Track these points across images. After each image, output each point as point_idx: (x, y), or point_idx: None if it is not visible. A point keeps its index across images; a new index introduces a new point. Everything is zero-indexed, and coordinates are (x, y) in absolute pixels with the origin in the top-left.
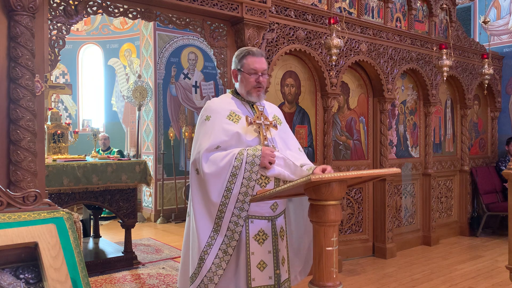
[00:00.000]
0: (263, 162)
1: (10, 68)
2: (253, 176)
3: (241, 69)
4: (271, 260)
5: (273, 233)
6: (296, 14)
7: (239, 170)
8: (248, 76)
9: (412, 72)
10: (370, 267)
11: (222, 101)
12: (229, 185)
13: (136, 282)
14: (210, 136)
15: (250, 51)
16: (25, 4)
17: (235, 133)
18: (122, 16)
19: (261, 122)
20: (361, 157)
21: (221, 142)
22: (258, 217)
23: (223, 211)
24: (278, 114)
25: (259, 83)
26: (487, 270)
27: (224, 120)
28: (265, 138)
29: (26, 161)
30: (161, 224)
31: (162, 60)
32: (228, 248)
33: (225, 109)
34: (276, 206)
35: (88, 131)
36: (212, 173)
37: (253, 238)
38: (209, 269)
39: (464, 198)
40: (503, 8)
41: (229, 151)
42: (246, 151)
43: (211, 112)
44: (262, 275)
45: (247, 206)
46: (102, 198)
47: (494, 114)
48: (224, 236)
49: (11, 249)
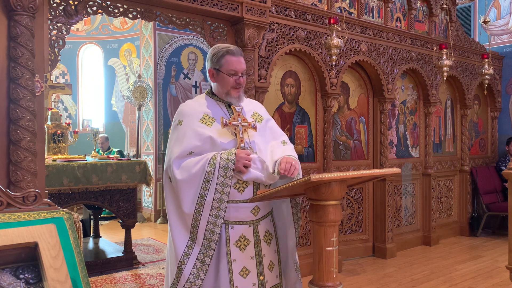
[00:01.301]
0: (237, 166)
1: (10, 68)
2: (227, 182)
3: (219, 69)
4: (254, 266)
5: (255, 238)
6: (296, 14)
7: (212, 175)
8: (228, 77)
9: (412, 72)
10: (370, 267)
11: (195, 103)
12: (203, 191)
13: (136, 282)
14: (182, 141)
15: (229, 50)
16: (25, 4)
17: (208, 137)
18: (122, 16)
19: (238, 124)
20: (361, 157)
21: (194, 148)
22: (238, 223)
23: (198, 219)
24: (259, 110)
25: (239, 83)
26: (487, 270)
27: (197, 123)
28: (242, 141)
29: (26, 161)
30: (161, 224)
31: (162, 60)
32: (205, 257)
33: (198, 111)
34: (257, 210)
35: (88, 131)
36: (184, 180)
37: (234, 245)
38: (187, 280)
39: (464, 198)
40: (503, 8)
41: (202, 157)
42: (220, 156)
43: (183, 116)
44: (245, 282)
45: (223, 213)
46: (102, 198)
47: (494, 114)
48: (201, 245)
49: (11, 249)
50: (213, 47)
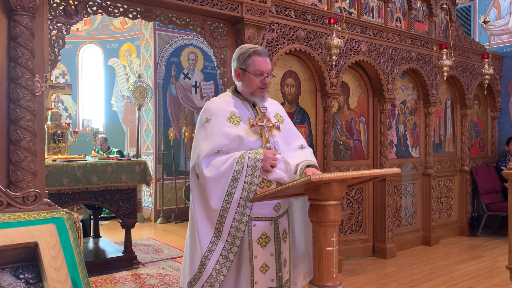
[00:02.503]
0: (264, 165)
1: (10, 68)
2: (254, 180)
3: (246, 69)
4: (273, 263)
5: (275, 236)
6: (296, 14)
7: (240, 174)
8: (254, 77)
9: (412, 72)
10: (370, 267)
11: (222, 101)
12: (230, 189)
13: (136, 282)
14: (211, 140)
15: (256, 51)
16: (25, 4)
17: (236, 137)
18: (122, 16)
19: (264, 124)
20: (361, 157)
21: (222, 146)
22: (260, 219)
23: (224, 216)
24: (280, 112)
25: (264, 84)
26: (487, 270)
27: (225, 122)
28: (267, 141)
29: (26, 161)
30: (161, 224)
31: (162, 60)
32: (229, 254)
33: (225, 110)
34: (279, 206)
35: (88, 131)
36: (213, 178)
37: (256, 242)
38: (209, 275)
39: (464, 198)
40: (503, 8)
41: (230, 155)
42: (248, 155)
43: (211, 114)
44: (265, 278)
45: (249, 211)
46: (102, 198)
47: (494, 114)
48: (225, 241)
49: (11, 249)
50: (240, 47)
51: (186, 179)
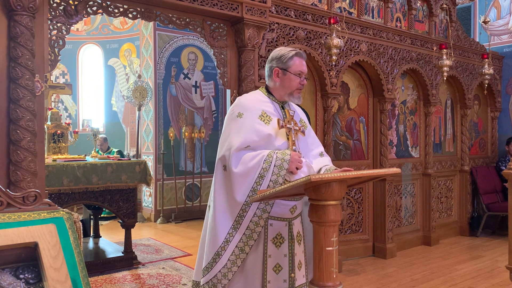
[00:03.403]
0: (291, 167)
1: (10, 68)
2: (279, 180)
3: (287, 69)
4: (286, 264)
5: (289, 237)
6: (296, 14)
7: (267, 172)
8: (295, 78)
9: (412, 72)
10: (370, 267)
11: (254, 98)
12: (256, 186)
13: (136, 282)
14: (242, 134)
15: (298, 53)
16: (25, 4)
17: (266, 135)
18: (122, 16)
19: (291, 127)
20: (361, 157)
21: (252, 142)
22: (277, 219)
23: (246, 210)
24: (304, 119)
25: (302, 85)
26: (487, 270)
27: (256, 119)
28: (293, 144)
29: (26, 161)
30: (161, 224)
31: (162, 60)
32: (245, 246)
33: (257, 108)
34: (295, 208)
35: (88, 131)
36: (240, 172)
37: (271, 241)
38: (224, 265)
39: (464, 198)
40: (503, 8)
41: (259, 152)
42: (276, 154)
43: (243, 109)
44: (277, 278)
45: (270, 208)
46: (102, 198)
47: (494, 114)
48: (243, 234)
49: (11, 249)
50: (279, 49)
51: (186, 179)
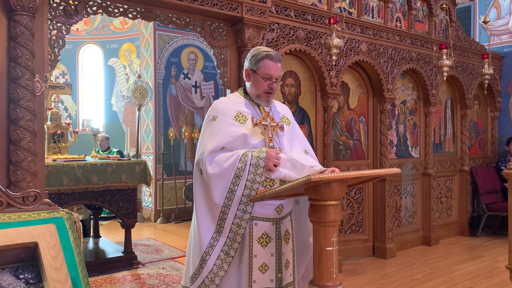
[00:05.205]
0: (267, 164)
1: (10, 68)
2: (257, 179)
3: (256, 71)
4: (273, 263)
5: (277, 236)
6: (296, 14)
7: (243, 172)
8: (262, 80)
9: (412, 72)
10: (370, 267)
11: (230, 100)
12: (233, 186)
13: (136, 282)
14: (216, 137)
15: (269, 55)
16: (25, 4)
17: (241, 135)
18: (122, 16)
19: (267, 124)
20: (361, 157)
21: (226, 143)
22: (262, 219)
23: (226, 212)
24: (287, 114)
25: (271, 88)
26: (487, 270)
27: (231, 121)
28: (271, 140)
29: (26, 161)
30: (161, 224)
31: (162, 60)
32: (230, 250)
33: (232, 109)
34: (281, 208)
35: (88, 131)
36: (215, 174)
37: (256, 241)
38: (210, 270)
39: (464, 198)
40: (503, 8)
41: (234, 153)
42: (251, 153)
43: (217, 112)
44: (264, 277)
45: (250, 208)
46: (102, 198)
47: (494, 114)
48: (227, 237)
49: (11, 249)
50: (255, 48)
51: (186, 179)
